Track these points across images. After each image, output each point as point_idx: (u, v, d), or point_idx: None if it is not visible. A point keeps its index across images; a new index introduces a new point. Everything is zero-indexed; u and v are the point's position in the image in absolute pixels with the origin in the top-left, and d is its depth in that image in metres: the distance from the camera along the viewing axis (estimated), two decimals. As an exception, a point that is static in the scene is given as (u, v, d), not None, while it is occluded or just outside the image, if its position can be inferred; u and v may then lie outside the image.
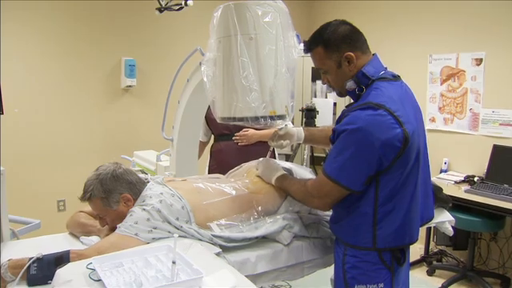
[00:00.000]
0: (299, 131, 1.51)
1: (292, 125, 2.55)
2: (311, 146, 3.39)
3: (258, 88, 1.21)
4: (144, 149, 2.56)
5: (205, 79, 1.31)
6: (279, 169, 1.43)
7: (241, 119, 1.23)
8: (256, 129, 2.32)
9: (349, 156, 1.09)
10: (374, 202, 1.13)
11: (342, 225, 1.21)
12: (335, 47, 1.15)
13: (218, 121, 1.30)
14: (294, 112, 1.34)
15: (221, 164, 2.38)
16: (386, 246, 1.15)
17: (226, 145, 2.44)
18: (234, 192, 1.38)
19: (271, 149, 1.56)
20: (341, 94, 1.23)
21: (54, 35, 3.05)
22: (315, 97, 3.92)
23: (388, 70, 1.20)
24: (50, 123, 3.12)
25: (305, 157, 3.34)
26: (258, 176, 1.46)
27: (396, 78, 1.21)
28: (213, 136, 2.56)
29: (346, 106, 1.21)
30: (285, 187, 1.35)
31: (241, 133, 2.40)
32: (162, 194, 1.26)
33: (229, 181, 1.49)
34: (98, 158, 3.17)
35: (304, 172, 1.52)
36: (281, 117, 1.26)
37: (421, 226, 1.24)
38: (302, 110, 3.36)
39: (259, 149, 2.23)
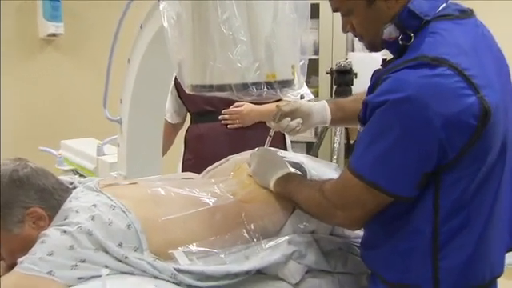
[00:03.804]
0: (320, 107, 1.56)
1: (310, 96, 2.59)
2: (346, 130, 3.40)
3: (246, 38, 1.21)
4: (78, 136, 2.58)
5: (165, 24, 1.31)
6: (282, 165, 1.44)
7: (221, 88, 1.24)
8: (253, 103, 2.35)
9: (391, 143, 1.10)
10: (432, 215, 1.14)
11: (380, 252, 1.23)
12: None
13: (187, 90, 1.32)
14: (305, 74, 1.35)
15: (201, 158, 2.41)
16: (454, 286, 1.16)
17: (209, 128, 2.47)
18: (212, 201, 1.39)
19: (271, 133, 1.57)
20: (373, 47, 1.26)
21: None
22: (352, 51, 3.93)
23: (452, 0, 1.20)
24: None
25: (335, 145, 3.36)
26: (252, 176, 1.48)
27: (466, 13, 1.20)
28: (188, 115, 2.60)
29: (383, 64, 1.22)
30: (289, 194, 1.37)
31: (231, 109, 2.44)
32: (95, 206, 1.27)
33: (206, 183, 1.51)
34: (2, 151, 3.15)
35: (324, 169, 1.53)
36: (284, 83, 1.27)
37: (507, 251, 1.25)
38: (331, 73, 3.39)
39: (260, 134, 2.22)
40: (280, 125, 1.50)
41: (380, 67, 1.23)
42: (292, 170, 1.44)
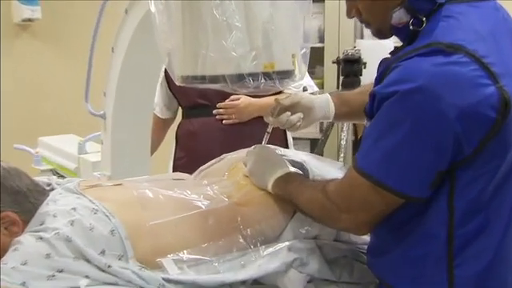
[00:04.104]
0: (323, 100, 1.57)
1: (314, 88, 2.60)
2: (354, 125, 3.41)
3: (242, 24, 1.22)
4: (57, 132, 2.58)
5: (152, 9, 1.32)
6: (282, 164, 1.45)
7: (214, 79, 1.25)
8: (250, 96, 2.37)
9: (401, 138, 1.10)
10: (447, 218, 1.14)
11: (390, 259, 1.23)
12: None
13: (177, 82, 1.33)
14: (307, 64, 1.36)
15: (194, 156, 2.43)
16: (471, 297, 1.17)
17: (203, 124, 2.49)
18: (205, 203, 1.39)
19: (270, 129, 1.58)
20: (381, 34, 1.26)
21: None
22: (361, 38, 3.93)
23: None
24: None
25: (342, 142, 3.37)
26: (248, 177, 1.48)
27: None
28: (180, 109, 2.62)
29: (392, 52, 1.22)
30: (289, 195, 1.37)
31: (227, 103, 2.45)
32: (74, 209, 1.27)
33: (198, 184, 1.52)
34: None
35: (327, 169, 1.53)
36: (284, 74, 1.28)
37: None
38: (338, 62, 3.40)
39: (258, 131, 2.23)
40: (279, 120, 1.50)
41: (389, 54, 1.23)
42: (292, 169, 1.44)
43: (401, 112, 1.09)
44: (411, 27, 1.17)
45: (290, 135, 2.62)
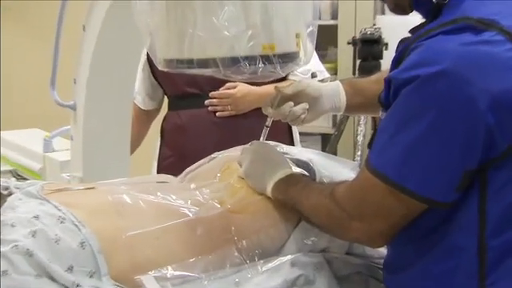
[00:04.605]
0: (332, 89, 1.58)
1: (325, 74, 2.61)
2: (374, 119, 3.43)
3: None
4: (19, 126, 2.59)
5: None
6: (283, 164, 1.46)
7: (203, 63, 1.26)
8: (248, 83, 2.39)
9: (422, 131, 1.11)
10: (477, 226, 1.14)
11: (410, 276, 1.23)
12: None
13: (160, 67, 1.34)
14: (314, 45, 1.37)
15: (182, 155, 2.45)
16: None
17: (193, 116, 2.51)
18: (193, 211, 1.40)
19: (269, 123, 1.60)
20: (399, 8, 1.27)
21: None
22: (382, 13, 3.94)
23: None
24: None
25: (359, 139, 3.40)
26: (243, 179, 1.49)
27: None
28: (166, 99, 2.64)
29: (412, 30, 1.23)
30: (292, 201, 1.37)
31: (221, 92, 2.46)
32: (37, 217, 1.26)
33: (185, 188, 1.53)
34: None
35: (338, 169, 1.54)
36: (287, 57, 1.29)
37: None
38: (354, 42, 3.44)
39: (258, 125, 2.23)
40: (280, 112, 1.50)
41: (409, 33, 1.23)
42: (296, 170, 1.45)
43: (422, 101, 1.10)
44: (434, 0, 1.18)
45: (296, 130, 2.64)
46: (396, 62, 1.19)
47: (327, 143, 3.59)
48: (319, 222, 1.33)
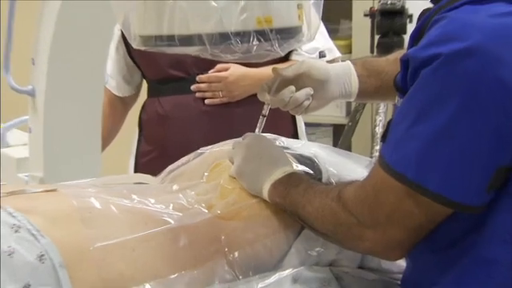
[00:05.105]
0: (342, 70, 1.59)
1: (335, 53, 2.61)
2: (395, 107, 3.42)
3: None
4: None
5: None
6: (282, 160, 1.47)
7: (186, 40, 1.27)
8: (242, 64, 2.41)
9: (446, 120, 1.11)
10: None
11: None
12: None
13: (135, 45, 1.36)
14: (320, 16, 1.39)
15: (165, 150, 2.48)
16: None
17: (177, 104, 2.52)
18: (175, 217, 1.40)
19: (266, 111, 1.61)
20: None
21: None
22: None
23: None
24: None
25: (378, 130, 3.45)
26: (235, 178, 1.50)
27: None
28: (145, 84, 2.66)
29: (434, 0, 1.22)
30: (293, 204, 1.38)
31: (211, 74, 2.48)
32: None
33: (166, 190, 1.54)
34: None
35: (349, 166, 1.56)
36: (287, 32, 1.30)
37: None
38: (372, 15, 3.47)
39: (255, 114, 2.24)
40: (279, 98, 1.51)
41: (430, 3, 1.24)
42: (298, 167, 1.46)
43: (445, 84, 1.10)
44: None
45: (301, 120, 2.64)
46: (415, 38, 1.20)
47: (340, 135, 3.60)
48: (325, 230, 1.33)
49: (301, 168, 1.47)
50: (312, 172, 1.48)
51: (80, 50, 1.81)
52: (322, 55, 2.48)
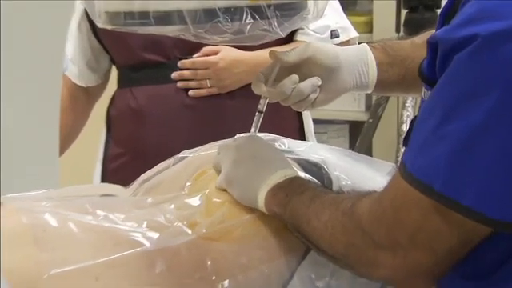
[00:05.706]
0: (356, 55, 1.61)
1: (350, 33, 2.63)
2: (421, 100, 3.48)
3: None
4: None
5: None
6: (280, 163, 1.49)
7: (163, 18, 1.30)
8: (235, 47, 2.43)
9: (482, 117, 1.11)
10: None
11: None
12: None
13: (100, 24, 1.39)
14: None
15: (138, 152, 2.51)
16: None
17: (154, 96, 2.55)
18: (150, 238, 1.41)
19: (262, 106, 1.63)
20: None
21: None
22: None
23: None
24: None
25: (404, 128, 3.48)
26: (224, 190, 1.51)
27: None
28: (115, 71, 2.68)
29: None
30: (294, 219, 1.39)
31: (196, 59, 2.50)
32: None
33: (139, 204, 1.56)
34: None
35: (367, 173, 1.57)
36: (288, 8, 1.33)
37: None
38: None
39: (250, 108, 2.26)
40: (279, 90, 1.52)
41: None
42: (301, 174, 1.47)
43: (483, 72, 1.10)
44: None
45: (308, 116, 2.65)
46: (446, 16, 1.21)
47: (358, 135, 3.63)
48: (333, 252, 1.33)
49: (303, 175, 1.48)
50: (317, 181, 1.48)
51: (30, 28, 1.81)
52: (334, 35, 2.48)
